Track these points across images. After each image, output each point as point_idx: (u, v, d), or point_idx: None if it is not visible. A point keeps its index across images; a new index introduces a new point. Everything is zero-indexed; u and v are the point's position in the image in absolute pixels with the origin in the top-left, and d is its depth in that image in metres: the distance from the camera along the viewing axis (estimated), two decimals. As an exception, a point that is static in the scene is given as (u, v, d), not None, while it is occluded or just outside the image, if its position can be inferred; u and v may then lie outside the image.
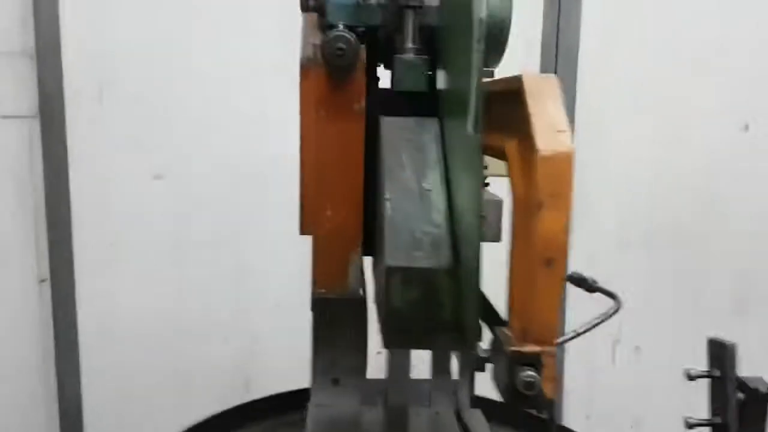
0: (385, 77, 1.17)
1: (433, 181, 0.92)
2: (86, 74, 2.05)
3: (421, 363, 1.20)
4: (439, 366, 1.15)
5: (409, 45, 1.01)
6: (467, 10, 0.69)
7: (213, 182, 2.12)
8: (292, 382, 2.11)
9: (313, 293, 1.09)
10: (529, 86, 0.63)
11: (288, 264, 2.18)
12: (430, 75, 1.01)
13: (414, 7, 1.00)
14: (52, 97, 2.03)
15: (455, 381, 1.15)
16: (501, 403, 1.46)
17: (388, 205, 0.89)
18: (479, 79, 0.64)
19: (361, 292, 1.08)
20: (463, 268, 0.72)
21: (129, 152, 2.09)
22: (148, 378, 2.18)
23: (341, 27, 1.00)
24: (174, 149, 2.10)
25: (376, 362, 1.17)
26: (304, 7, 1.07)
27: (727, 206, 2.30)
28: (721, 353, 0.90)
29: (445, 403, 1.14)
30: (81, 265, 2.12)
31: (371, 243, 1.09)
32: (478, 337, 0.71)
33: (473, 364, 1.17)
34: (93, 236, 2.11)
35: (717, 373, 0.90)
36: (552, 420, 1.14)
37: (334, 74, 1.02)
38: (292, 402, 1.45)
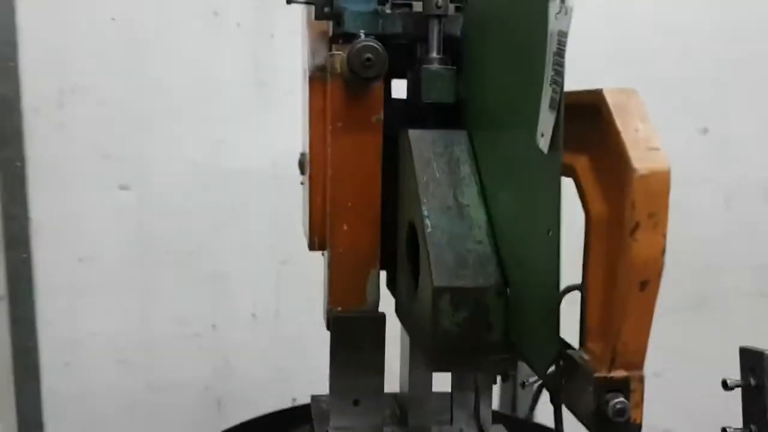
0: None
1: (470, 196, 0.90)
2: (45, 80, 1.93)
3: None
4: (460, 380, 1.12)
5: (434, 55, 0.98)
6: (536, 21, 0.66)
7: (182, 192, 2.03)
8: (270, 396, 2.06)
9: (330, 312, 1.06)
10: (612, 101, 0.61)
11: (263, 274, 2.12)
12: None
13: (439, 17, 0.97)
14: (9, 104, 1.91)
15: (477, 396, 1.12)
16: (512, 416, 1.44)
17: (427, 222, 0.86)
18: (563, 96, 0.62)
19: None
20: (536, 289, 0.69)
21: (93, 162, 1.98)
22: (116, 400, 2.07)
23: (362, 36, 0.96)
24: (140, 158, 2.00)
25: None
26: (319, 15, 1.02)
27: (685, 207, 2.35)
28: (757, 362, 0.90)
29: (467, 419, 1.11)
30: (41, 282, 2.00)
31: (387, 257, 1.06)
32: (551, 360, 0.68)
33: (493, 378, 1.16)
34: (54, 251, 1.99)
35: (753, 382, 0.90)
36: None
37: (352, 85, 0.98)
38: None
